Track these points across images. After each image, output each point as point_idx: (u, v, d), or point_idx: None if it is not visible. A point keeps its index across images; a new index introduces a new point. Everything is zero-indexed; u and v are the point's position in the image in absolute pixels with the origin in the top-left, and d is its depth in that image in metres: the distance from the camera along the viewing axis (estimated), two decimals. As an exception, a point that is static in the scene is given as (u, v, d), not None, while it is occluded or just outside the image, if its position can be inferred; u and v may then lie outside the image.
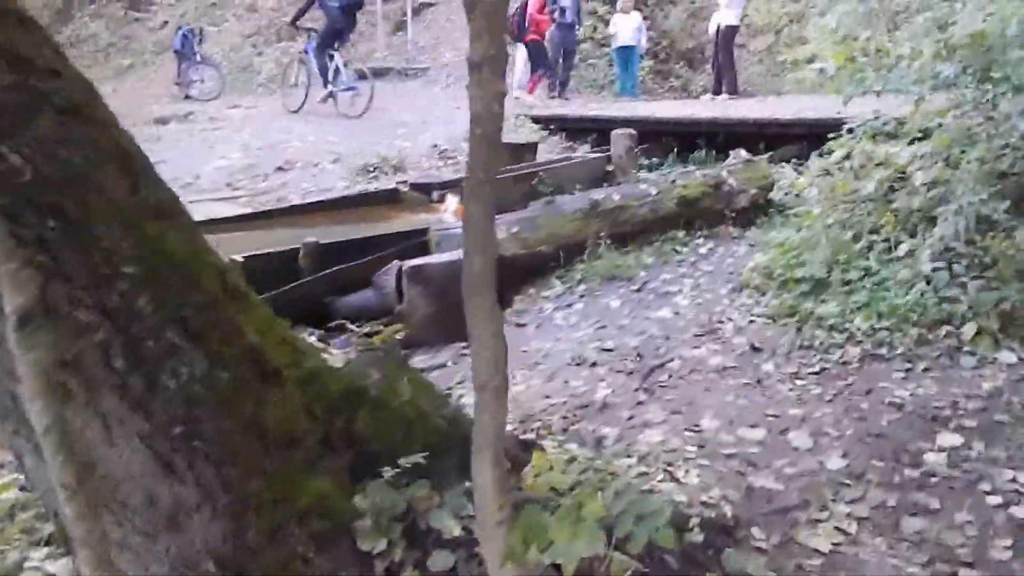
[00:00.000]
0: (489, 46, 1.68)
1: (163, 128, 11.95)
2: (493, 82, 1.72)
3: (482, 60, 1.69)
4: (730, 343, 4.41)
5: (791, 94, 10.75)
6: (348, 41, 11.89)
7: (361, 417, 2.54)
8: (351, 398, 2.53)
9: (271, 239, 6.48)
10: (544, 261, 5.64)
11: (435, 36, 15.00)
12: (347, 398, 2.52)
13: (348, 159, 9.25)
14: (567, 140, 9.63)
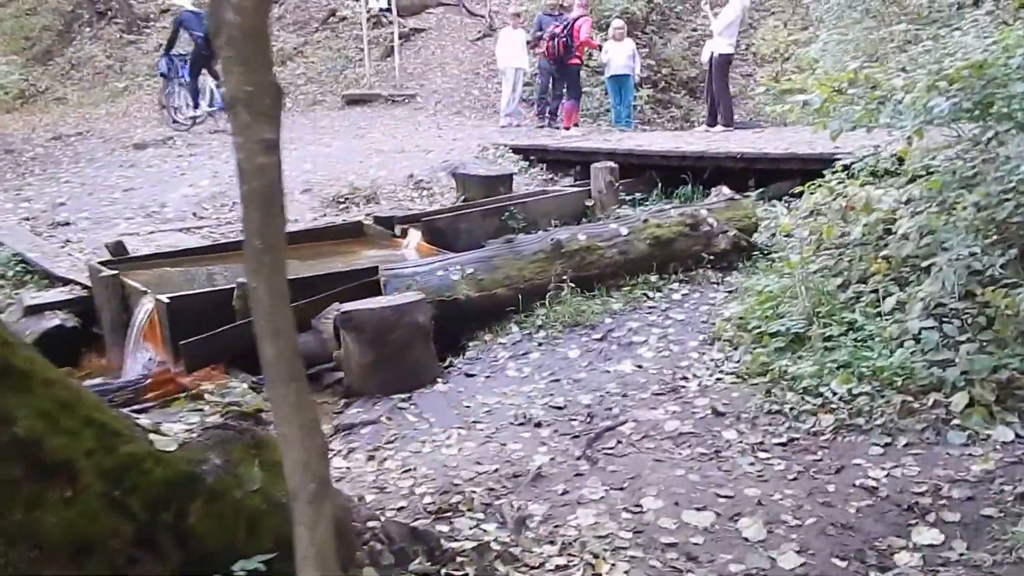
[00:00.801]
0: (244, 80, 1.30)
1: (140, 153, 11.69)
2: (255, 126, 1.35)
3: (236, 98, 1.31)
4: (691, 405, 3.98)
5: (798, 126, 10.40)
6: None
7: (194, 511, 2.13)
8: (182, 488, 2.12)
9: (219, 275, 6.13)
10: (502, 305, 5.23)
11: (424, 62, 14.77)
12: (177, 488, 2.11)
13: (320, 188, 8.91)
14: (549, 172, 9.26)
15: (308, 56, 16.93)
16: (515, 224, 6.93)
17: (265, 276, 1.52)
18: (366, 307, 4.53)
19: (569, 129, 11.05)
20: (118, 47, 20.44)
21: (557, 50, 10.98)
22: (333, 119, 13.31)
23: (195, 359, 4.76)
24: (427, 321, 4.66)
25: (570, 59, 11.13)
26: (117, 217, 8.31)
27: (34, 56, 21.04)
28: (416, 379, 4.56)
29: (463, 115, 13.09)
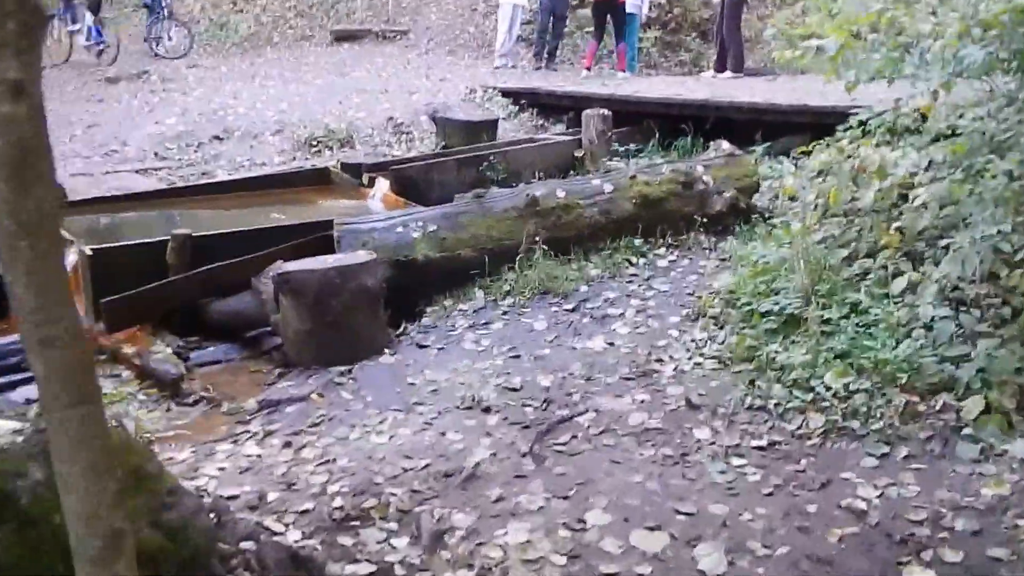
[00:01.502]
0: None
1: (112, 87, 11.15)
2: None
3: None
4: (663, 393, 3.51)
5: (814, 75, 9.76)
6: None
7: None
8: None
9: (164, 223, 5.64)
10: (466, 267, 4.73)
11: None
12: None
13: (292, 130, 8.38)
14: (541, 118, 8.68)
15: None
16: (495, 176, 6.41)
17: (24, 268, 1.10)
18: (307, 267, 4.05)
19: (624, 72, 10.46)
20: (109, -26, 19.73)
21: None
22: (319, 56, 12.69)
23: (117, 318, 4.30)
24: (376, 284, 4.18)
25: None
26: (74, 156, 7.82)
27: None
28: (360, 350, 4.11)
29: (456, 54, 12.43)
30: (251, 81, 10.75)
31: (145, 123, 8.82)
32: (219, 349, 4.47)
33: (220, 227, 5.33)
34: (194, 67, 12.35)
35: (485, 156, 6.46)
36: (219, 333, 4.60)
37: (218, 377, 4.22)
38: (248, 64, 12.45)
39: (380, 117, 8.59)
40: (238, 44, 14.53)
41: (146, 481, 2.07)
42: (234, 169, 7.60)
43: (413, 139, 8.11)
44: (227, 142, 8.28)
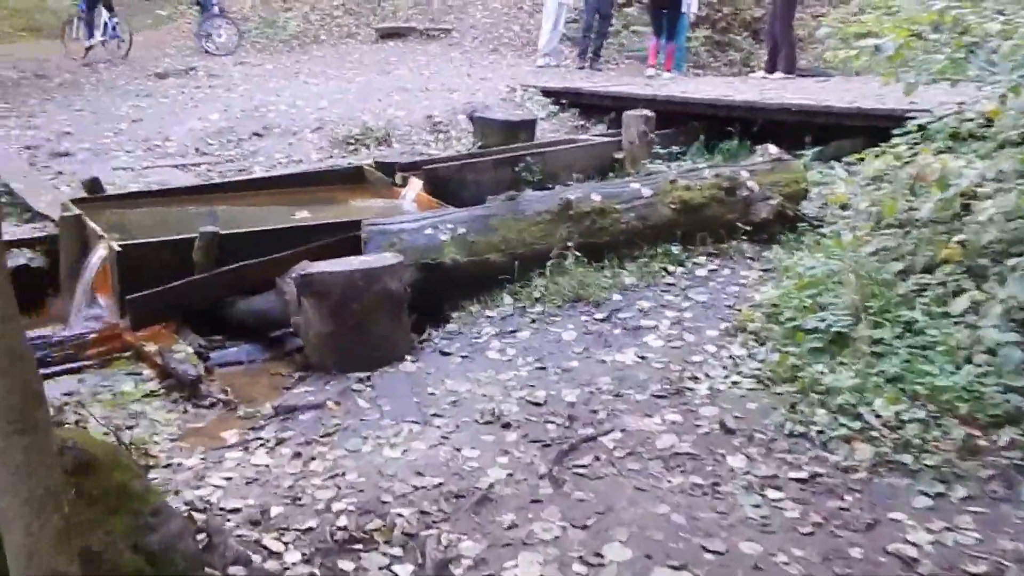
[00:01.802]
0: None
1: (160, 83, 11.15)
2: None
3: None
4: (696, 414, 3.26)
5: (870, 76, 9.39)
6: None
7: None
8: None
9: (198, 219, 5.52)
10: (494, 272, 4.52)
11: (467, -8, 13.90)
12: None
13: (332, 127, 8.25)
14: (582, 119, 8.43)
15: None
16: (531, 177, 6.18)
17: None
18: (330, 269, 3.87)
19: (672, 72, 10.20)
20: (165, -28, 19.94)
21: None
22: (363, 53, 12.58)
23: (141, 315, 4.17)
24: (401, 288, 3.98)
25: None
26: (118, 149, 7.78)
27: (88, -19, 20.75)
28: (381, 355, 3.91)
29: (499, 52, 12.22)
30: (294, 78, 10.67)
31: (188, 119, 8.77)
32: (241, 350, 4.32)
33: (252, 224, 5.20)
34: (240, 64, 12.34)
35: (521, 157, 6.24)
36: (243, 333, 4.45)
37: (238, 379, 4.06)
38: (293, 61, 12.40)
39: (419, 115, 8.42)
40: (286, 42, 14.50)
41: (129, 500, 1.90)
42: (271, 166, 7.48)
43: (450, 138, 7.92)
44: (266, 139, 8.17)
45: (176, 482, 2.90)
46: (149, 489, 1.98)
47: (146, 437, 3.26)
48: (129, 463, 2.02)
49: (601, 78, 9.86)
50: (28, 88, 11.70)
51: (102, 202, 5.34)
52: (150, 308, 4.09)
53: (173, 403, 3.65)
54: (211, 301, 4.38)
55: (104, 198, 5.37)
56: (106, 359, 3.95)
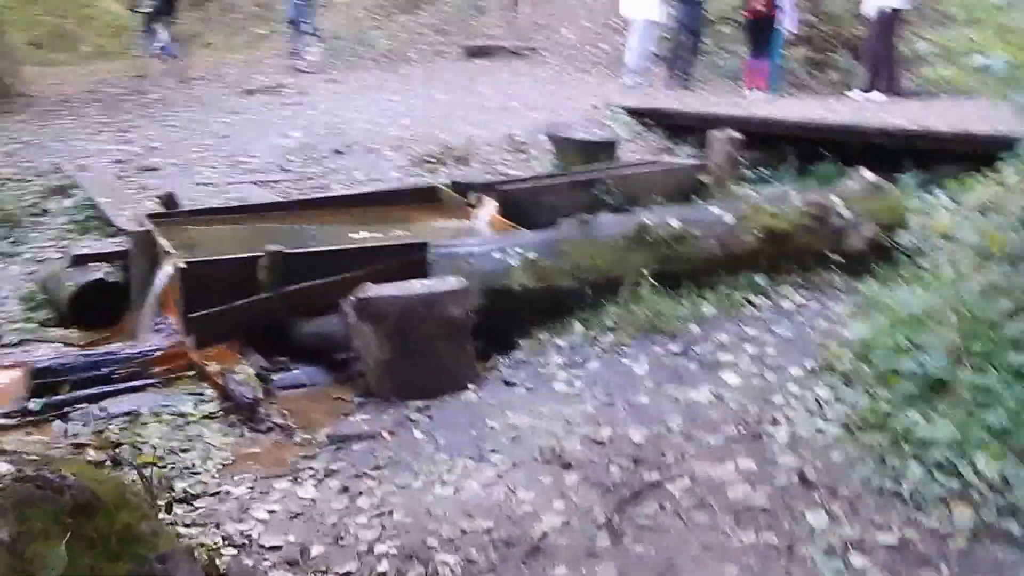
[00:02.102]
0: None
1: (249, 100, 11.42)
2: None
3: None
4: (773, 463, 3.01)
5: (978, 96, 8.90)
6: (174, 15, 14.50)
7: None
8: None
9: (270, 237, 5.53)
10: (565, 299, 4.35)
11: (556, 11, 13.79)
12: None
13: (411, 145, 8.23)
14: (667, 139, 8.19)
15: (440, 3, 16.31)
16: (610, 200, 5.99)
17: None
18: (389, 293, 3.77)
19: (764, 91, 9.96)
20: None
21: (771, 4, 9.82)
22: (449, 72, 12.62)
23: (205, 334, 4.16)
24: (464, 314, 3.86)
25: (772, 11, 9.95)
26: (202, 165, 7.94)
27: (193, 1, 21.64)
28: (442, 384, 3.80)
29: (586, 71, 12.08)
30: (378, 96, 10.75)
31: (272, 135, 8.91)
32: (304, 372, 4.25)
33: (324, 243, 5.19)
34: (328, 81, 12.53)
35: (600, 178, 6.05)
36: (307, 355, 4.39)
37: (298, 403, 3.99)
38: (379, 79, 12.52)
39: (499, 134, 8.33)
40: (375, 60, 14.72)
41: (134, 544, 1.80)
42: (350, 184, 7.49)
43: (530, 158, 7.80)
44: (347, 156, 8.21)
45: (220, 513, 2.83)
46: (158, 532, 1.88)
47: (198, 462, 3.21)
48: (139, 503, 1.92)
49: (690, 98, 9.60)
50: (127, 103, 12.16)
51: (177, 218, 5.40)
52: (213, 327, 4.07)
53: (230, 426, 3.60)
54: (275, 321, 4.34)
55: (179, 214, 5.42)
56: (170, 377, 3.94)
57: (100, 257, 5.02)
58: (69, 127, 10.34)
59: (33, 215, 6.23)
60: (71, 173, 7.06)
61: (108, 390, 3.70)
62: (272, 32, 19.07)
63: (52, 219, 6.21)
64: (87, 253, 5.03)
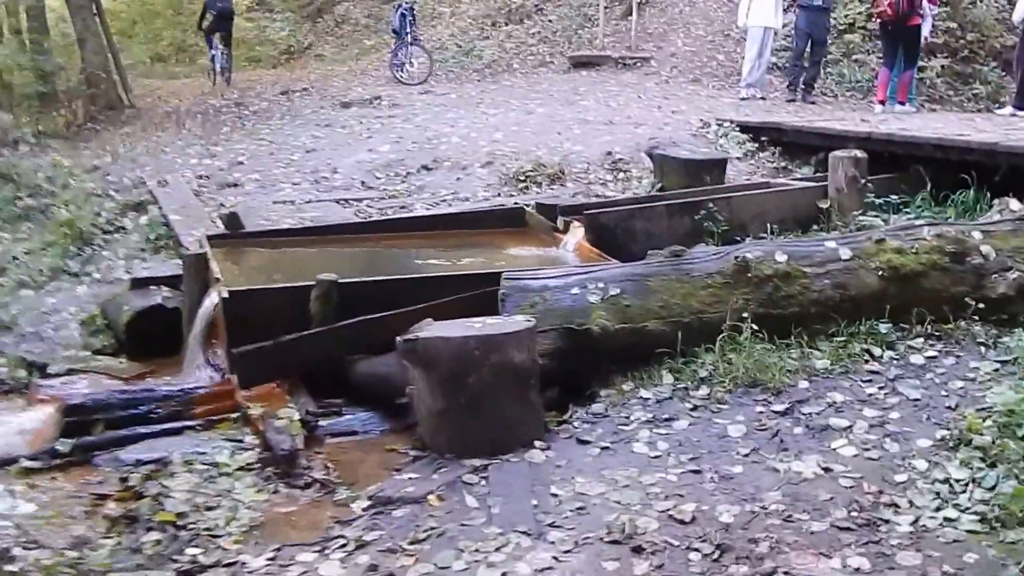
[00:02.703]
0: None
1: (343, 112, 11.48)
2: None
3: None
4: (891, 561, 2.56)
5: None
6: (228, 33, 16.07)
7: None
8: None
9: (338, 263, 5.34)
10: (653, 343, 3.96)
11: (669, 20, 13.37)
12: None
13: (503, 162, 7.99)
14: (784, 159, 7.65)
15: (547, 14, 16.15)
16: (714, 227, 5.56)
17: None
18: (441, 334, 3.46)
19: (905, 104, 9.36)
20: (377, 5, 21.03)
21: (901, 6, 9.17)
22: (552, 83, 12.37)
23: (250, 372, 3.96)
24: (528, 360, 3.52)
25: (912, 18, 9.33)
26: (285, 181, 7.92)
27: (307, 14, 22.32)
28: (503, 440, 3.46)
29: (700, 83, 11.60)
30: (474, 108, 10.58)
31: (359, 150, 8.84)
32: (358, 418, 4.01)
33: (390, 270, 4.97)
34: (426, 93, 12.49)
35: (703, 202, 5.62)
36: (364, 397, 4.15)
37: (347, 453, 3.75)
38: (479, 91, 12.38)
39: (598, 151, 7.98)
40: (479, 70, 14.65)
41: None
42: (435, 203, 7.29)
43: (630, 177, 7.41)
44: (434, 173, 8.04)
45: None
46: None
47: (221, 522, 2.98)
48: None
49: (812, 113, 9.02)
50: (226, 116, 12.46)
51: (240, 239, 5.26)
52: (259, 364, 3.87)
53: (266, 480, 3.37)
54: (328, 360, 4.10)
55: (242, 235, 5.29)
56: (212, 419, 3.75)
57: (161, 280, 4.92)
58: (165, 141, 10.61)
59: (107, 232, 6.29)
60: (151, 188, 7.12)
61: (143, 432, 3.53)
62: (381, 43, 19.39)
63: (126, 237, 6.24)
64: (148, 276, 4.95)
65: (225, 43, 15.75)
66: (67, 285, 5.55)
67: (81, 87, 13.50)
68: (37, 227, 6.31)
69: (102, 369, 4.24)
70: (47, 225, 6.35)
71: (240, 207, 6.76)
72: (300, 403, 3.89)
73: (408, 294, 4.23)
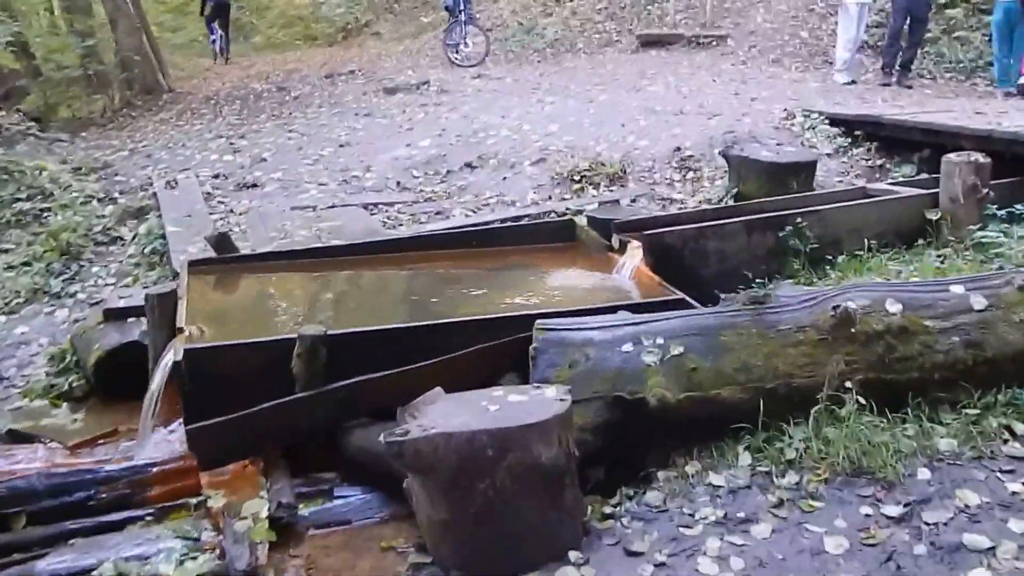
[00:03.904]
0: None
1: (386, 99, 10.80)
2: None
3: None
4: None
5: None
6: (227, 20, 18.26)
7: None
8: None
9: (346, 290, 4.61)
10: (726, 414, 3.16)
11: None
12: None
13: (557, 158, 7.21)
14: (881, 155, 6.69)
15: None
16: (800, 245, 4.71)
17: None
18: (439, 430, 2.65)
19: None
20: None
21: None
22: (619, 64, 11.49)
23: (212, 452, 3.20)
24: (562, 456, 2.73)
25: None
26: (311, 181, 7.27)
27: (363, -10, 21.73)
28: (528, 553, 2.71)
29: (781, 64, 10.58)
30: (530, 95, 9.79)
31: (398, 144, 8.14)
32: (350, 503, 3.27)
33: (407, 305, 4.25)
34: (479, 77, 11.75)
35: (790, 217, 4.75)
36: (361, 470, 3.40)
37: (333, 555, 3.02)
38: (538, 75, 11.58)
39: (665, 147, 7.14)
40: (540, 50, 13.82)
41: None
42: (476, 207, 6.57)
43: (701, 178, 6.57)
44: (479, 171, 7.30)
45: None
46: None
47: None
48: None
49: (909, 99, 7.98)
50: (266, 102, 11.91)
51: (227, 264, 4.51)
52: (224, 441, 3.16)
53: (223, 599, 2.68)
54: (312, 432, 3.37)
55: (232, 260, 4.54)
56: (168, 505, 3.07)
57: (140, 311, 4.23)
58: (193, 130, 10.08)
59: (101, 244, 5.69)
60: (157, 191, 6.51)
61: (73, 527, 2.86)
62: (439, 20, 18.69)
63: (121, 250, 5.65)
64: (122, 307, 4.28)
65: (223, 28, 18.00)
66: (46, 309, 4.97)
67: (116, 71, 13.07)
68: (27, 235, 5.73)
69: (49, 432, 3.59)
70: (38, 234, 5.78)
71: (251, 214, 6.13)
72: (275, 489, 3.15)
73: (415, 345, 3.48)
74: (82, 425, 3.69)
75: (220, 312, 3.91)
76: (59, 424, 3.68)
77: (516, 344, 3.46)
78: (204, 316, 3.73)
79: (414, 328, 3.56)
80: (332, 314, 4.01)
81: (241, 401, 3.17)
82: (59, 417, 3.76)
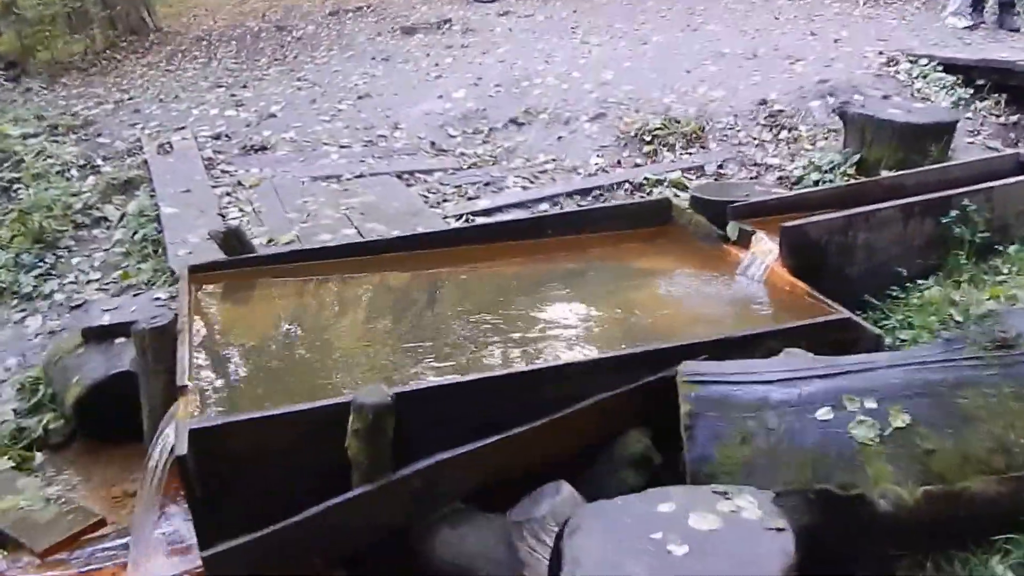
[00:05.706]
0: None
1: (404, 41, 9.67)
2: None
3: None
4: None
5: None
6: None
7: None
8: None
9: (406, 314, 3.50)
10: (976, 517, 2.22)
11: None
12: None
13: (619, 113, 6.16)
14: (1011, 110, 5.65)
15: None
16: (967, 233, 3.71)
17: None
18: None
19: None
20: None
21: None
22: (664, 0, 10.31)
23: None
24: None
25: None
26: (330, 142, 6.22)
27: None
28: None
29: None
30: (570, 36, 8.68)
31: (427, 95, 7.08)
32: None
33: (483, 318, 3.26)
34: (505, 14, 10.59)
35: (955, 198, 3.75)
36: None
37: None
38: (570, 11, 10.42)
39: (746, 98, 6.09)
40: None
41: None
42: (532, 176, 5.54)
43: (799, 137, 5.53)
44: (528, 129, 6.27)
45: None
46: None
47: None
48: None
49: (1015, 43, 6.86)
50: (264, 43, 10.76)
51: (241, 269, 3.47)
52: (255, 567, 2.20)
53: None
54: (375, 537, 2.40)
55: (246, 262, 3.48)
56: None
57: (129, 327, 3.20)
58: (186, 77, 8.97)
59: (81, 226, 4.67)
60: (148, 157, 5.48)
61: None
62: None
63: (106, 234, 4.63)
64: (109, 323, 3.29)
65: None
66: (15, 315, 3.98)
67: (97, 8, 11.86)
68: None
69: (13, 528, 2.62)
70: (6, 213, 4.77)
71: (264, 187, 5.11)
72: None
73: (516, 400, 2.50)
74: (57, 510, 2.72)
75: (236, 351, 2.89)
76: (26, 510, 2.71)
77: (641, 391, 2.53)
78: (214, 359, 2.75)
79: (508, 377, 2.58)
80: (388, 350, 3.00)
81: (276, 500, 2.20)
82: (27, 489, 2.80)
